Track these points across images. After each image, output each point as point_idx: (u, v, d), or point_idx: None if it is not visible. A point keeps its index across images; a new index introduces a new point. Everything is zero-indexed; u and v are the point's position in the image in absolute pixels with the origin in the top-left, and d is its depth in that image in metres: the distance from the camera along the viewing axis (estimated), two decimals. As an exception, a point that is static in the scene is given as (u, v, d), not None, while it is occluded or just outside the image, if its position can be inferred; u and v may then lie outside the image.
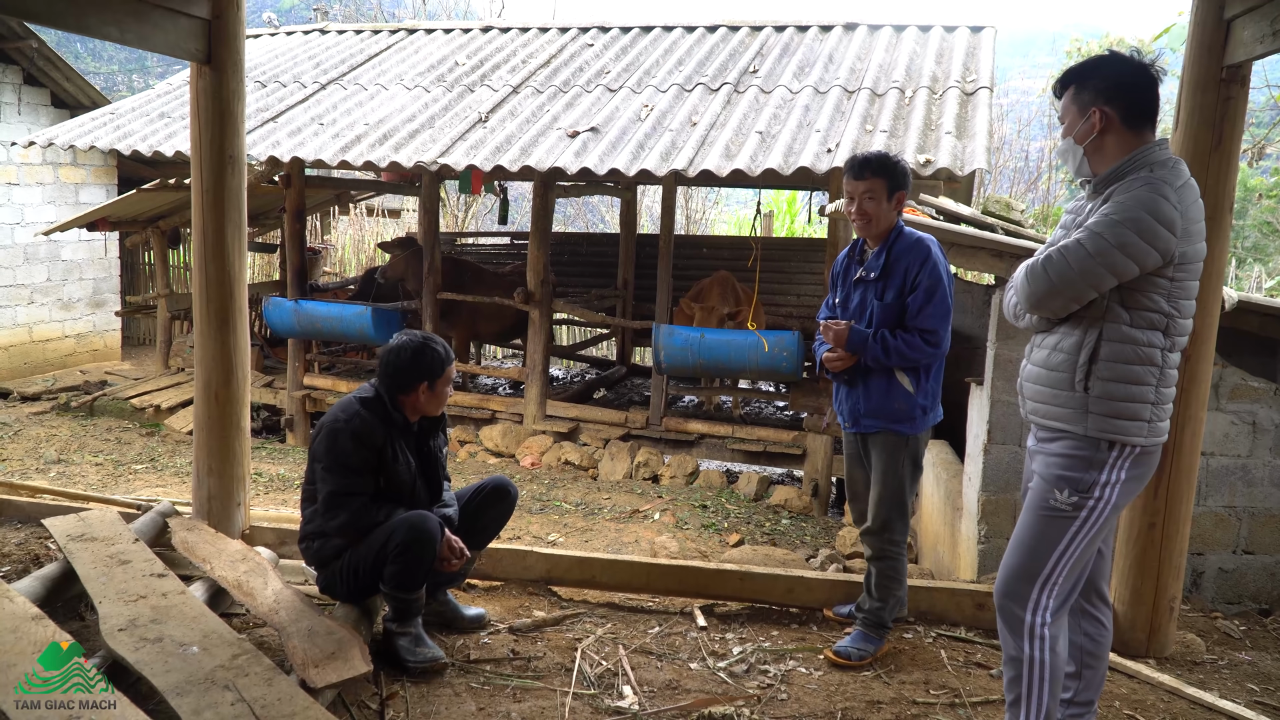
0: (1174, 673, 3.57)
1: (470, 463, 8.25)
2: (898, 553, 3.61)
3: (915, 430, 3.55)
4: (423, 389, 3.36)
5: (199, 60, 3.87)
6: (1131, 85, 2.52)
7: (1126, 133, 2.52)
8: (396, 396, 3.38)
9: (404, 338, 3.39)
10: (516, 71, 9.38)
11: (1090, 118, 2.54)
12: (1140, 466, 2.58)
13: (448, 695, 3.13)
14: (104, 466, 7.60)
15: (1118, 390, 2.52)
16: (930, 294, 3.46)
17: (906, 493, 3.60)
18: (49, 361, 11.38)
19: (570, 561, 4.11)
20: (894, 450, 3.56)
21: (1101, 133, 2.54)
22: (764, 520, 6.93)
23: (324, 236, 14.82)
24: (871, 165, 3.51)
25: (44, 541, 4.17)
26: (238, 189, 4.02)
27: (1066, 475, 2.57)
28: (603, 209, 21.96)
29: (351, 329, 8.79)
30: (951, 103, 7.48)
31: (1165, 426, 2.60)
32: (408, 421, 3.44)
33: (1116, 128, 2.53)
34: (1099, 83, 2.54)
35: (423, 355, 3.33)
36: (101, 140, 8.92)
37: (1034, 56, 34.88)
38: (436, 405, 3.44)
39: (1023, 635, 2.59)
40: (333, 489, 3.25)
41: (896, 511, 3.59)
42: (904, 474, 3.58)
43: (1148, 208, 2.40)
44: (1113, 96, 2.52)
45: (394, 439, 3.36)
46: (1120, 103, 2.52)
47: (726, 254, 10.62)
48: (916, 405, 3.53)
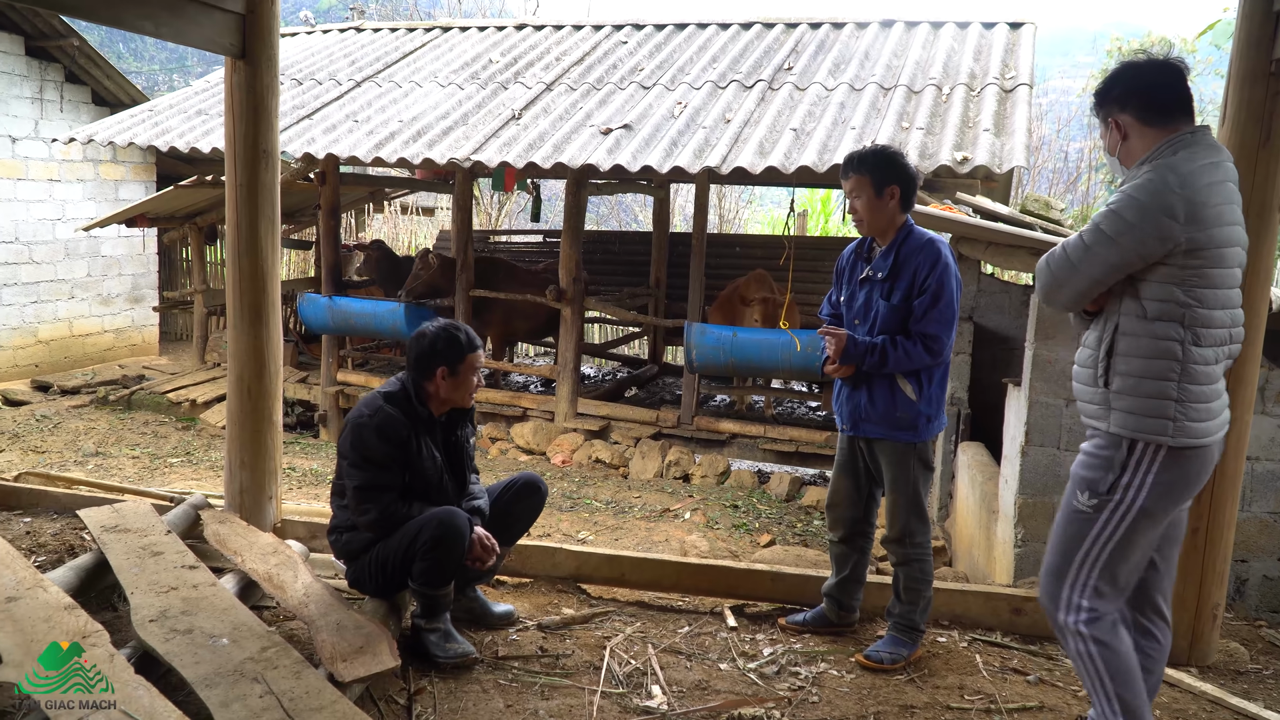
0: (1217, 682, 3.49)
1: (501, 460, 8.26)
2: (923, 555, 3.54)
3: (920, 438, 3.46)
4: (441, 373, 3.32)
5: (233, 55, 3.89)
6: (1145, 86, 2.55)
7: (1149, 131, 2.53)
8: (421, 385, 3.36)
9: (429, 324, 3.40)
10: (550, 69, 9.39)
11: (1112, 128, 2.61)
12: (1173, 470, 2.47)
13: (475, 692, 3.11)
14: (140, 460, 7.70)
15: (1136, 385, 2.47)
16: (936, 298, 3.36)
17: (922, 496, 3.53)
18: (88, 356, 11.55)
19: (599, 559, 4.08)
20: (902, 457, 3.49)
21: (1125, 138, 2.58)
22: (795, 521, 6.87)
23: (358, 234, 14.92)
24: (853, 163, 3.43)
25: (79, 532, 4.21)
26: (271, 183, 4.03)
27: (1086, 476, 2.55)
28: (635, 208, 21.93)
29: (385, 325, 8.84)
30: (990, 100, 7.38)
31: (1204, 428, 2.48)
32: (433, 415, 3.42)
33: (1137, 129, 2.56)
34: (1115, 93, 2.59)
35: (441, 340, 3.31)
36: (140, 137, 9.03)
37: (1074, 55, 34.40)
38: (462, 394, 3.39)
39: (1063, 634, 2.60)
40: (359, 484, 3.25)
41: (915, 516, 3.51)
42: (916, 479, 3.50)
43: (1145, 195, 2.40)
44: (1126, 102, 2.56)
45: (419, 433, 3.34)
46: (1134, 105, 2.55)
47: (760, 253, 10.56)
48: (920, 414, 3.44)
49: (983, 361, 6.13)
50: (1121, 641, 2.57)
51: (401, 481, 3.31)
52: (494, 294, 8.89)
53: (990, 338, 6.17)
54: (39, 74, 10.67)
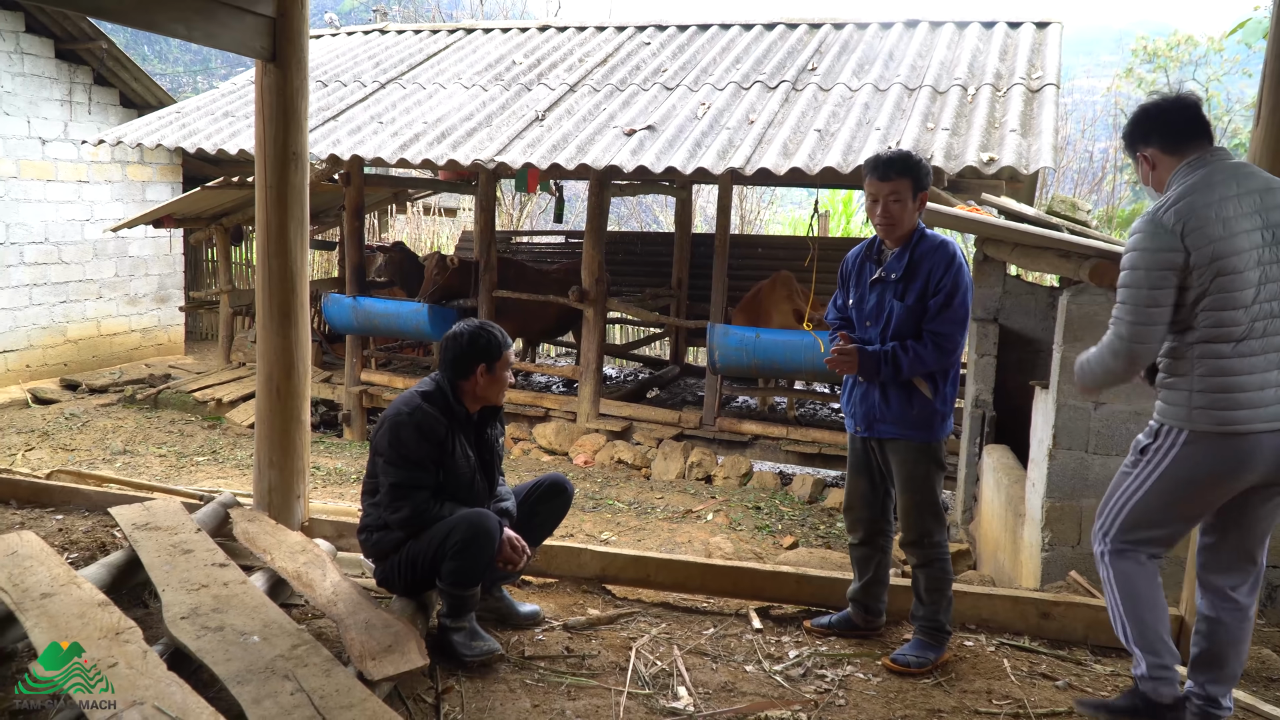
0: (1249, 689, 3.44)
1: (524, 460, 8.28)
2: (943, 554, 3.53)
3: (934, 438, 3.45)
4: (481, 371, 3.38)
5: (264, 58, 3.91)
6: (1161, 120, 2.82)
7: (1170, 159, 2.81)
8: (457, 384, 3.41)
9: (461, 325, 3.46)
10: (573, 70, 9.40)
11: (1141, 162, 2.89)
12: (1192, 446, 2.76)
13: (503, 691, 3.12)
14: (167, 458, 7.77)
15: (1163, 379, 2.88)
16: (950, 298, 3.36)
17: (937, 496, 3.51)
18: (116, 355, 11.67)
19: (625, 560, 4.08)
20: (918, 458, 3.46)
21: (1153, 168, 2.85)
22: (818, 523, 6.85)
23: (381, 235, 14.99)
24: (897, 165, 3.38)
25: (110, 530, 4.25)
26: (301, 185, 4.05)
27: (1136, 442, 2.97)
28: (656, 209, 21.93)
29: (409, 325, 8.88)
30: (1016, 100, 7.33)
31: (1224, 416, 2.70)
32: (468, 413, 3.46)
33: (1163, 160, 2.82)
34: (1136, 131, 2.87)
35: (479, 338, 3.39)
36: (167, 138, 9.12)
37: (1098, 55, 34.14)
38: (497, 392, 3.46)
39: (1097, 560, 3.01)
40: (395, 481, 3.27)
41: (931, 516, 3.49)
42: (932, 479, 3.48)
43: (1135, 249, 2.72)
44: (1150, 137, 2.84)
45: (455, 432, 3.38)
46: (1155, 137, 2.82)
47: (782, 254, 10.54)
48: (936, 412, 3.43)
49: (1008, 364, 6.09)
50: (1139, 577, 2.92)
51: (436, 480, 3.34)
52: (514, 295, 8.91)
53: (1016, 340, 6.13)
54: (68, 76, 10.79)
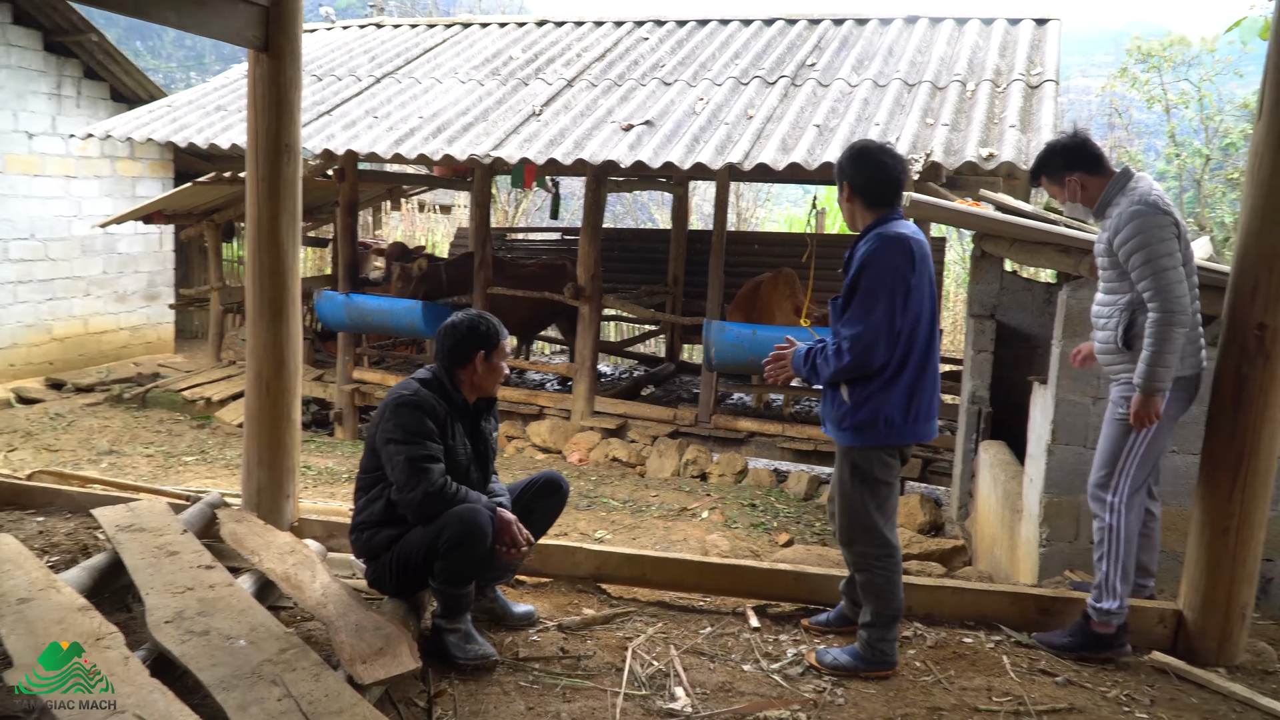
0: (1246, 682, 3.42)
1: (517, 458, 8.22)
2: (873, 567, 3.33)
3: (847, 443, 3.28)
4: (479, 359, 3.37)
5: (257, 48, 3.84)
6: (1082, 151, 3.57)
7: (1097, 179, 3.57)
8: (455, 373, 3.39)
9: (458, 315, 3.46)
10: (571, 65, 9.34)
11: (1070, 185, 3.60)
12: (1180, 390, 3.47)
13: (496, 694, 3.06)
14: (155, 458, 7.69)
15: None
16: (853, 290, 3.18)
17: (860, 507, 3.30)
18: (103, 353, 11.55)
19: (620, 559, 4.03)
20: (841, 459, 3.34)
21: (1084, 188, 3.58)
22: (814, 520, 6.81)
23: (375, 231, 14.91)
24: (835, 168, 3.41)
25: (93, 532, 4.16)
26: (293, 178, 3.99)
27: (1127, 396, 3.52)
28: (652, 206, 21.89)
29: (402, 323, 8.81)
30: (1015, 96, 7.30)
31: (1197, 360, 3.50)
32: (466, 403, 3.44)
33: (1092, 181, 3.57)
34: (1057, 162, 3.62)
35: (479, 325, 3.40)
36: (158, 132, 9.03)
37: (1094, 55, 34.18)
38: (493, 381, 3.44)
39: (1105, 510, 3.53)
40: (410, 456, 3.18)
41: (856, 524, 3.33)
42: (849, 484, 3.31)
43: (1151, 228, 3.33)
44: (1074, 165, 3.58)
45: (453, 419, 3.36)
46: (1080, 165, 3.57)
47: (778, 250, 10.50)
48: (848, 416, 3.25)
49: (1005, 360, 6.05)
50: (1137, 523, 3.55)
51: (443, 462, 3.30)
52: (509, 292, 8.83)
53: (1012, 336, 6.10)
54: (57, 70, 10.68)
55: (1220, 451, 3.52)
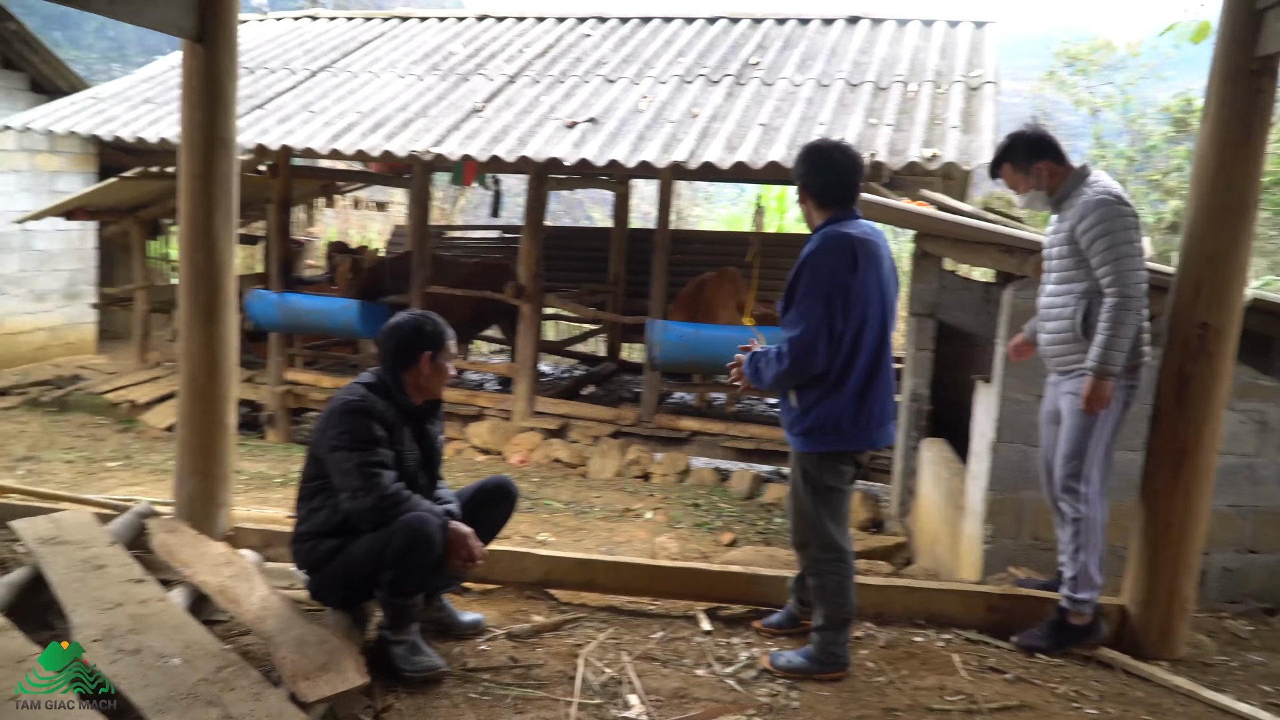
0: (1188, 675, 3.49)
1: (457, 460, 8.08)
2: (824, 571, 3.32)
3: (799, 448, 3.28)
4: (425, 360, 3.27)
5: (191, 37, 3.70)
6: (1045, 141, 3.67)
7: (1061, 168, 3.67)
8: (400, 375, 3.28)
9: (401, 315, 3.37)
10: (513, 61, 9.23)
11: (1036, 173, 3.67)
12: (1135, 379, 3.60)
13: (445, 707, 2.97)
14: (76, 464, 7.38)
15: None
16: (790, 293, 3.17)
17: (814, 513, 3.29)
18: (19, 355, 11.00)
19: (570, 564, 3.95)
20: (794, 463, 3.35)
21: (1050, 176, 3.66)
22: (757, 519, 6.82)
23: (308, 228, 14.60)
24: None
25: (11, 545, 3.94)
26: (228, 174, 3.84)
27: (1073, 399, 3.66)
28: (589, 205, 21.81)
29: (338, 323, 8.61)
30: (957, 97, 7.39)
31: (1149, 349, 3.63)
32: (412, 406, 3.33)
33: (1056, 169, 3.66)
34: (1023, 151, 3.68)
35: (424, 325, 3.31)
36: (82, 125, 8.72)
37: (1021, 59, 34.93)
38: (440, 382, 3.35)
39: (1077, 503, 3.56)
40: (360, 462, 3.08)
41: (809, 529, 3.31)
42: (800, 489, 3.31)
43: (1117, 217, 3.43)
44: (1040, 153, 3.66)
45: (400, 423, 3.26)
46: (1048, 153, 3.66)
47: (720, 249, 10.51)
48: (798, 421, 3.25)
49: (945, 358, 6.11)
50: (1107, 508, 3.64)
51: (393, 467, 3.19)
52: (436, 290, 8.66)
53: (953, 334, 6.16)
54: (-29, 60, 10.23)
55: (1163, 448, 3.59)
